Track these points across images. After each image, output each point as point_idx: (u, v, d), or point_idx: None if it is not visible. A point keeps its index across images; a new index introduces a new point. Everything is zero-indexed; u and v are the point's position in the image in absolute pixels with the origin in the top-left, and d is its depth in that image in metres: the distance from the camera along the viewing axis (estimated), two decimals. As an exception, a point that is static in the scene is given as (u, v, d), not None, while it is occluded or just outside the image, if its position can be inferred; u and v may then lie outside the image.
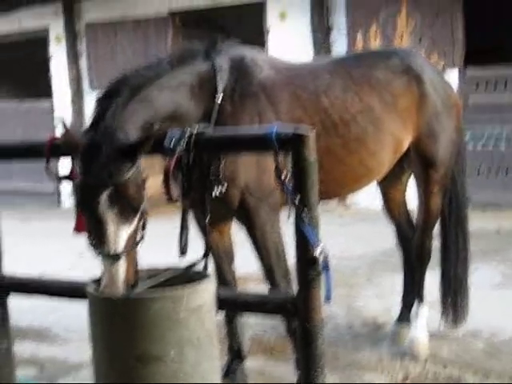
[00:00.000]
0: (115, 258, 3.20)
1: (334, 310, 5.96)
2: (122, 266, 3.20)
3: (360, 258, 7.85)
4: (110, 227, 3.23)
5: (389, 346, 5.22)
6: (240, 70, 4.13)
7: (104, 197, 3.21)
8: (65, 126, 3.37)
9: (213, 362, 3.07)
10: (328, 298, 3.05)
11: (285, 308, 3.24)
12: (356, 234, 8.97)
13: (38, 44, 13.60)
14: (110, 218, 3.23)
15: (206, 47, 4.09)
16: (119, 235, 3.23)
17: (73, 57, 13.14)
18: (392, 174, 5.04)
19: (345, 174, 4.57)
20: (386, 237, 6.12)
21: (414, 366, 4.88)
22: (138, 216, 3.31)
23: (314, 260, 3.02)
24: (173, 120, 3.75)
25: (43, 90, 13.82)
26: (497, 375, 4.66)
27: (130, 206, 3.26)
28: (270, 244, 4.17)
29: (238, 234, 4.63)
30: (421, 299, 5.19)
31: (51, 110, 13.49)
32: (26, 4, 13.03)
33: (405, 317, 5.35)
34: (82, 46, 13.13)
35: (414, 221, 5.36)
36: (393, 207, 5.51)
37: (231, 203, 4.10)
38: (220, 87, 3.99)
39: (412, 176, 5.22)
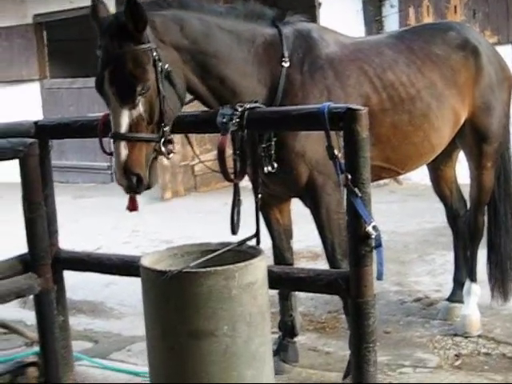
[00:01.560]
0: (115, 137, 3.34)
1: (386, 286, 5.95)
2: (122, 149, 3.32)
3: (411, 234, 7.80)
4: (111, 105, 3.39)
5: (440, 324, 5.20)
6: (307, 42, 4.15)
7: (106, 72, 3.38)
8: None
9: (265, 337, 3.09)
10: (380, 274, 3.06)
11: (337, 285, 3.25)
12: (408, 210, 8.90)
13: (90, 22, 13.67)
14: (110, 95, 3.38)
15: (273, 15, 4.13)
16: (120, 115, 3.35)
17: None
18: (443, 151, 4.99)
19: (411, 150, 4.56)
20: (437, 213, 6.06)
21: (466, 344, 4.85)
22: (139, 99, 3.37)
23: (367, 236, 3.02)
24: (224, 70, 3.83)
25: (95, 68, 13.92)
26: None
27: (127, 86, 3.35)
28: (334, 222, 4.15)
29: (296, 207, 4.63)
30: (473, 277, 5.15)
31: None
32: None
33: (456, 294, 5.31)
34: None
35: (466, 197, 5.33)
36: (444, 185, 5.46)
37: (299, 180, 4.08)
38: (286, 53, 4.01)
39: (463, 152, 5.16)
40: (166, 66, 3.48)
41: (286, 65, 4.01)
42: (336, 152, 3.06)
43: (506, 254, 5.24)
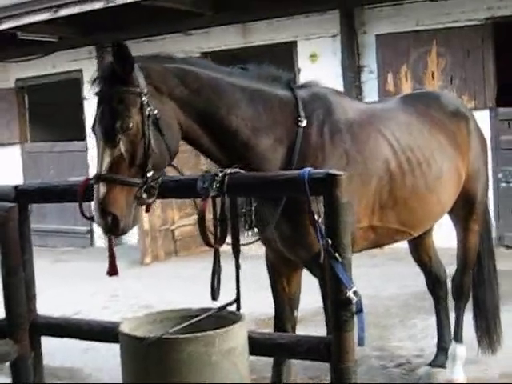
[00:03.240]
0: (96, 179, 3.36)
1: (368, 351, 5.90)
2: (101, 188, 3.33)
3: (393, 298, 7.78)
4: (98, 145, 3.44)
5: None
6: (326, 105, 4.14)
7: (98, 112, 3.46)
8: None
9: (245, 405, 3.05)
10: (361, 340, 3.04)
11: (318, 351, 3.23)
12: (389, 275, 8.89)
13: (71, 86, 13.77)
14: (98, 135, 3.45)
15: (288, 78, 4.16)
16: (103, 155, 3.39)
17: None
18: None
19: (425, 213, 4.59)
20: (418, 277, 6.05)
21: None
22: (119, 138, 3.39)
23: (348, 302, 3.01)
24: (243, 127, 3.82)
25: (77, 132, 13.97)
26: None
27: (109, 123, 3.39)
28: None
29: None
30: (458, 338, 5.15)
31: (85, 152, 13.61)
32: (61, 48, 13.29)
33: (439, 359, 5.29)
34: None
35: (443, 261, 5.37)
36: (422, 252, 5.48)
37: (312, 246, 3.84)
38: (302, 113, 3.98)
39: (449, 215, 5.18)
40: (155, 112, 3.48)
41: (303, 124, 3.96)
42: (316, 217, 3.06)
43: (490, 308, 5.32)
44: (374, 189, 4.18)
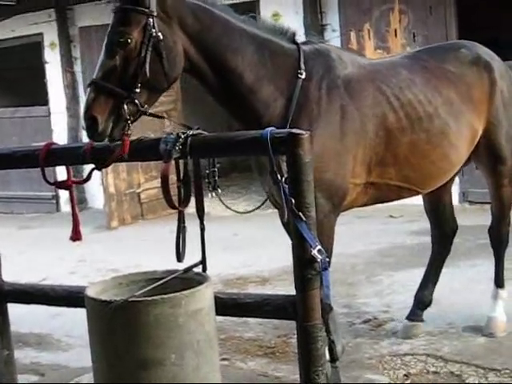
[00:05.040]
0: (89, 84, 3.64)
1: (335, 308, 5.93)
2: (90, 93, 3.59)
3: (358, 256, 7.84)
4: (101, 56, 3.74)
5: (389, 344, 5.22)
6: (327, 62, 4.30)
7: (109, 27, 3.78)
8: None
9: (213, 365, 3.07)
10: (327, 297, 3.07)
11: (284, 309, 3.24)
12: (354, 232, 8.96)
13: (32, 50, 13.57)
14: (103, 47, 3.76)
15: (294, 33, 4.32)
16: (100, 64, 3.68)
17: (67, 62, 13.11)
18: None
19: (430, 168, 4.62)
20: (383, 234, 6.13)
21: (415, 364, 4.88)
22: (117, 51, 3.66)
23: (312, 260, 3.03)
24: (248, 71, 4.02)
25: (39, 96, 13.80)
26: (497, 371, 4.66)
27: (112, 36, 3.73)
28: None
29: (242, 232, 4.63)
30: (500, 283, 5.27)
31: (48, 117, 13.47)
32: (19, 12, 13.06)
33: (416, 313, 5.36)
34: (77, 52, 13.11)
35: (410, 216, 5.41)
36: (435, 206, 5.43)
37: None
38: (303, 66, 4.16)
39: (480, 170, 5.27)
40: (159, 34, 3.66)
41: (302, 76, 4.15)
42: (279, 177, 3.06)
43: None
44: (369, 145, 4.29)
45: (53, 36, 13.22)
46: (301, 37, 4.51)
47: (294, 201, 2.99)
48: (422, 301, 5.36)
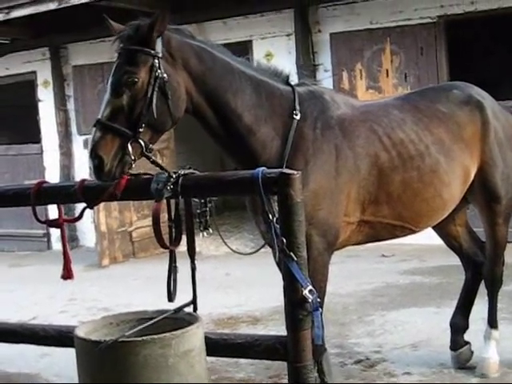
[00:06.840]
0: (95, 124, 3.65)
1: (327, 349, 5.91)
2: (96, 132, 3.60)
3: (351, 295, 7.81)
4: (105, 95, 3.75)
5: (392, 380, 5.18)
6: (321, 103, 4.37)
7: (114, 65, 3.82)
8: None
9: (203, 406, 3.05)
10: (318, 338, 3.05)
11: (275, 350, 3.23)
12: (346, 272, 8.94)
13: (25, 88, 13.62)
14: (108, 86, 3.76)
15: (288, 75, 4.39)
16: (106, 104, 3.69)
17: (60, 100, 13.16)
18: (456, 208, 5.02)
19: (422, 206, 4.63)
20: (375, 274, 6.12)
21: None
22: (124, 90, 3.69)
23: (304, 300, 3.01)
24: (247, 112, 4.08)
25: (32, 134, 13.82)
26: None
27: (118, 76, 3.74)
28: (316, 284, 3.76)
29: (233, 271, 4.61)
30: (493, 324, 5.22)
31: (40, 155, 13.48)
32: (14, 50, 13.15)
33: (457, 342, 5.32)
34: (70, 90, 13.17)
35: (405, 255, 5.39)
36: (455, 240, 5.43)
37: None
38: (298, 106, 4.23)
39: (475, 209, 5.22)
40: (165, 75, 3.72)
41: (297, 117, 4.21)
42: (271, 217, 3.06)
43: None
44: (362, 184, 4.33)
45: (46, 74, 13.28)
46: (293, 76, 4.55)
47: (285, 240, 2.99)
48: (458, 327, 5.34)
